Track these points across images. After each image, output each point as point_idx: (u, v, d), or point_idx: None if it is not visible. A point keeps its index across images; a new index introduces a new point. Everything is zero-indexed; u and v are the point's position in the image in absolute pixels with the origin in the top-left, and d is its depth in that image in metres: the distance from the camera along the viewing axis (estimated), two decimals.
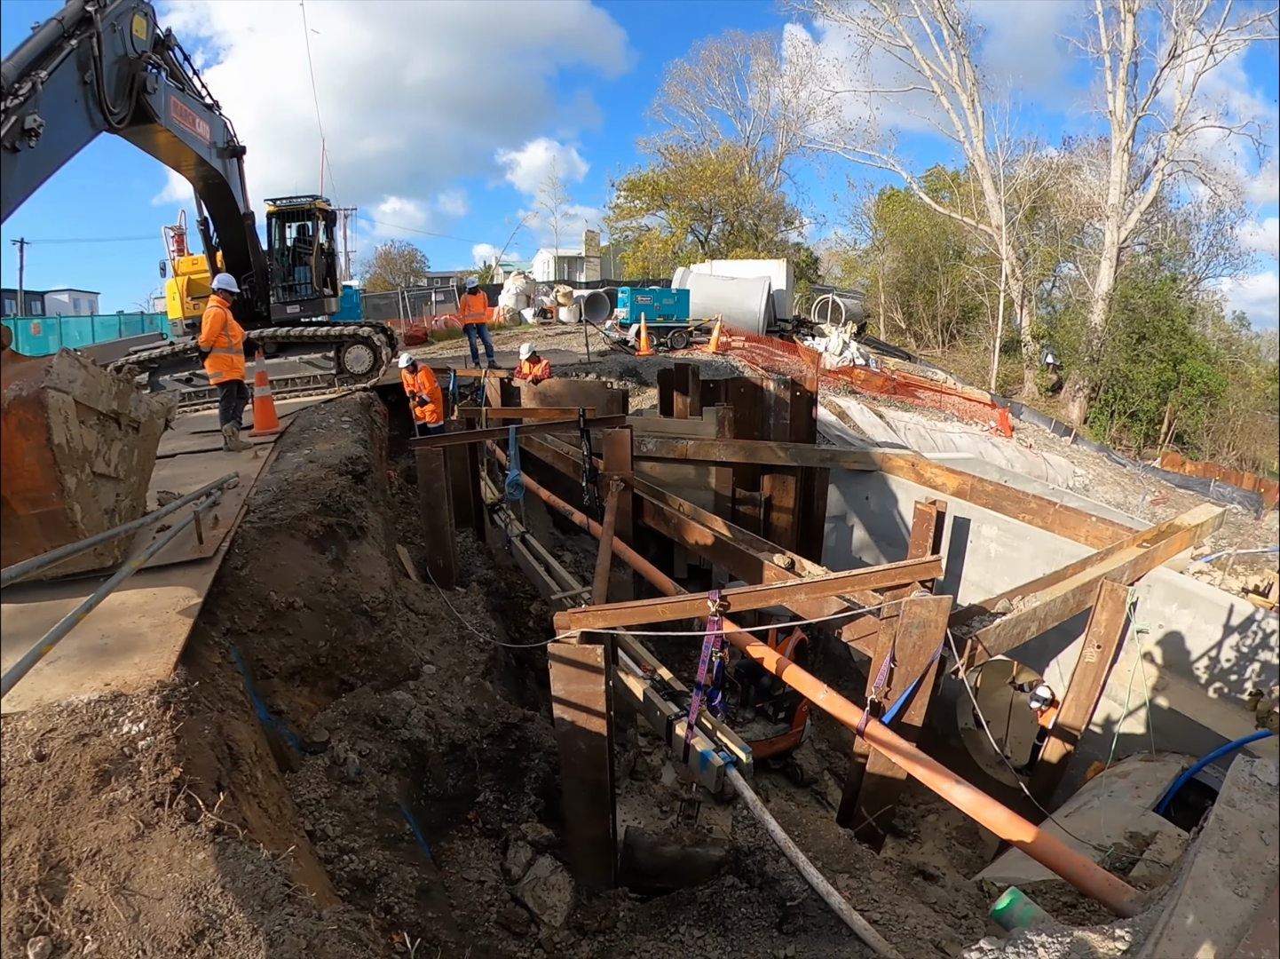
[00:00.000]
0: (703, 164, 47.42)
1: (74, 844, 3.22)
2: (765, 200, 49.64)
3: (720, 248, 47.36)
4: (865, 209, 53.96)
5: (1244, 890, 2.51)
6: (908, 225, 48.42)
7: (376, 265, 59.93)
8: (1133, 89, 35.25)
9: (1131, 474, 27.36)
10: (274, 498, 7.43)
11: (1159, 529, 8.87)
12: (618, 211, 50.84)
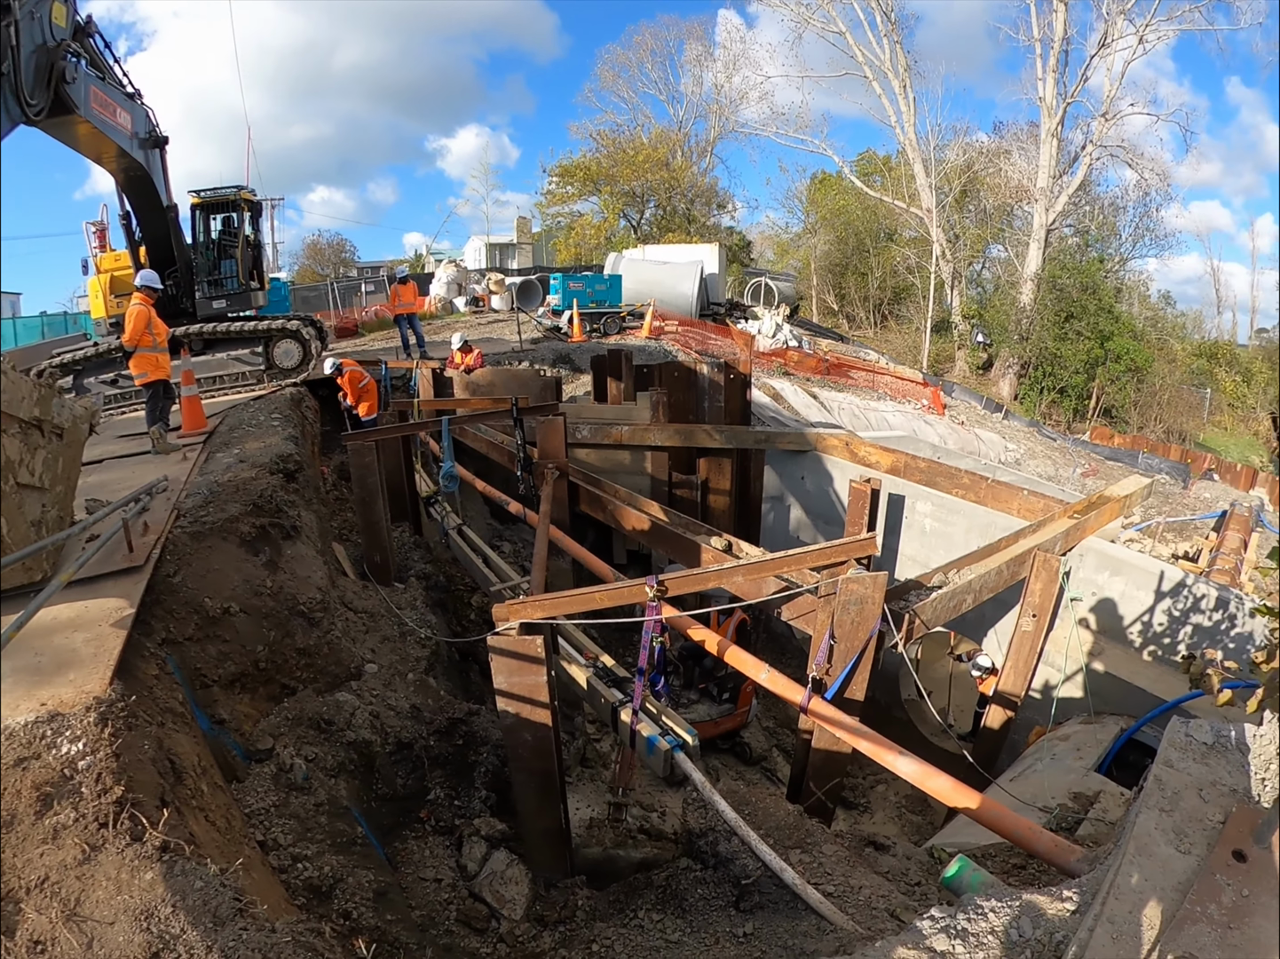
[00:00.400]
0: (635, 149, 47.18)
1: (21, 873, 3.13)
2: (698, 185, 49.65)
3: (653, 233, 47.28)
4: (797, 193, 54.40)
5: (1186, 848, 2.60)
6: (839, 208, 48.91)
7: (305, 256, 58.49)
8: (1063, 76, 36.08)
9: (1062, 448, 28.15)
10: (205, 500, 7.24)
11: (1089, 500, 9.14)
12: (550, 197, 50.37)
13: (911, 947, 2.58)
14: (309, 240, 60.01)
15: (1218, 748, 3.03)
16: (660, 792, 7.62)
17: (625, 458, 14.84)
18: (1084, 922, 2.47)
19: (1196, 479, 25.78)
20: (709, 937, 4.74)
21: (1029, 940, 2.52)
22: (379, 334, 25.35)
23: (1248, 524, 19.27)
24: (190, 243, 13.81)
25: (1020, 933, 2.55)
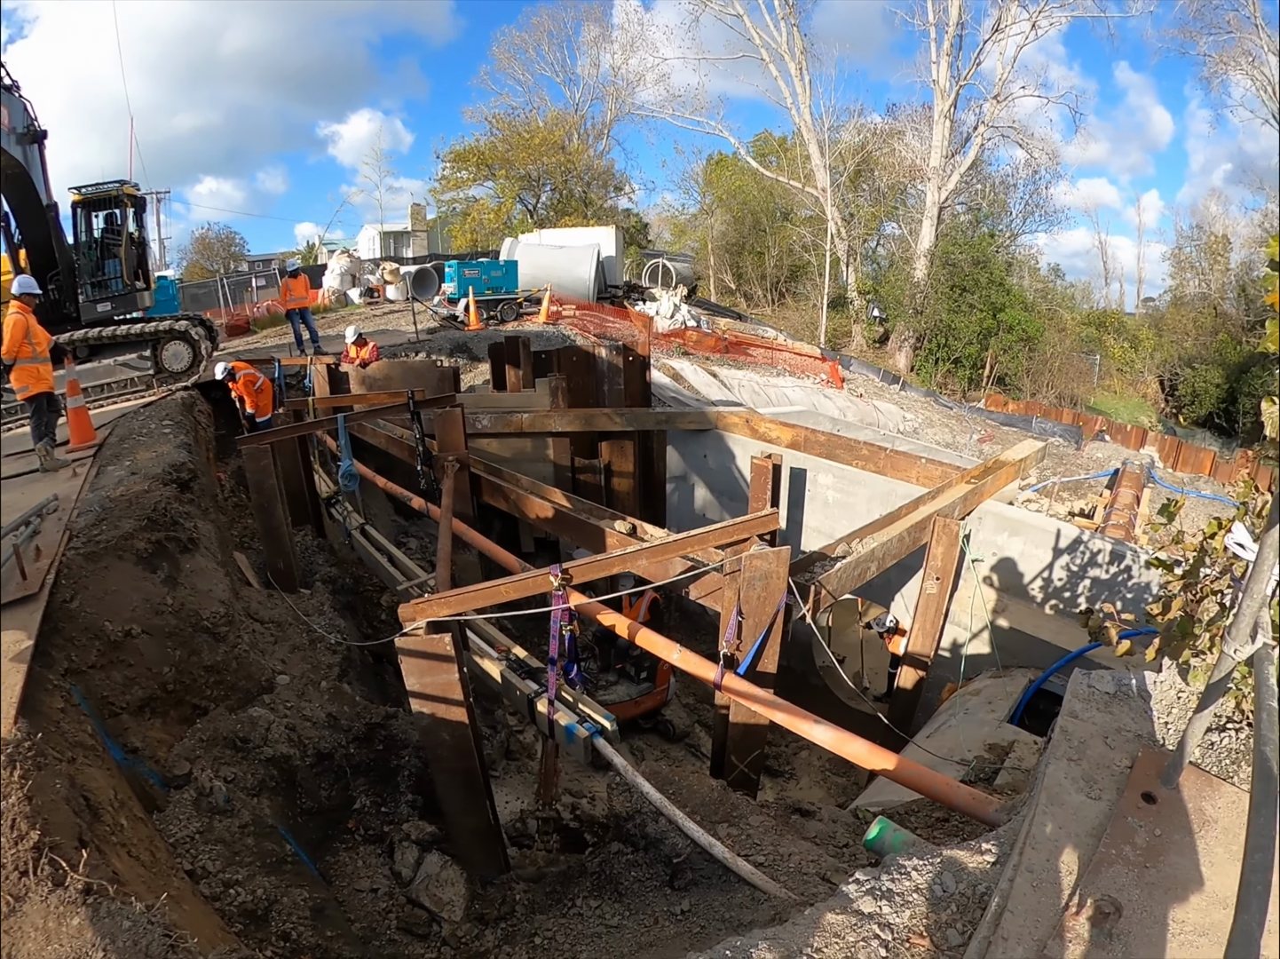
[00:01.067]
0: (531, 132, 46.47)
1: None
2: (594, 167, 49.25)
3: (549, 216, 46.82)
4: (694, 174, 54.88)
5: (1096, 794, 2.72)
6: (736, 189, 49.56)
7: (193, 252, 56.06)
8: (956, 60, 37.31)
9: (958, 416, 29.18)
10: (97, 518, 6.92)
11: (986, 465, 9.50)
12: (444, 183, 49.23)
13: (840, 911, 2.64)
14: (197, 235, 57.62)
15: (1120, 696, 3.17)
16: (588, 777, 7.69)
17: (527, 446, 14.75)
18: (1004, 873, 2.57)
19: (1089, 440, 27.10)
20: (648, 917, 4.80)
21: (953, 895, 2.61)
22: (272, 330, 24.46)
23: (1139, 481, 20.47)
24: (72, 243, 13.08)
25: (944, 888, 2.63)
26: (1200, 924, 2.30)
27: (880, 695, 12.45)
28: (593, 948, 4.71)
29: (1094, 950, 2.25)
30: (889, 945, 2.49)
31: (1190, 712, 2.87)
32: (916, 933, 2.51)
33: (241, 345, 21.86)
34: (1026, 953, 2.27)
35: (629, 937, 4.73)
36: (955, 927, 2.51)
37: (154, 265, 15.22)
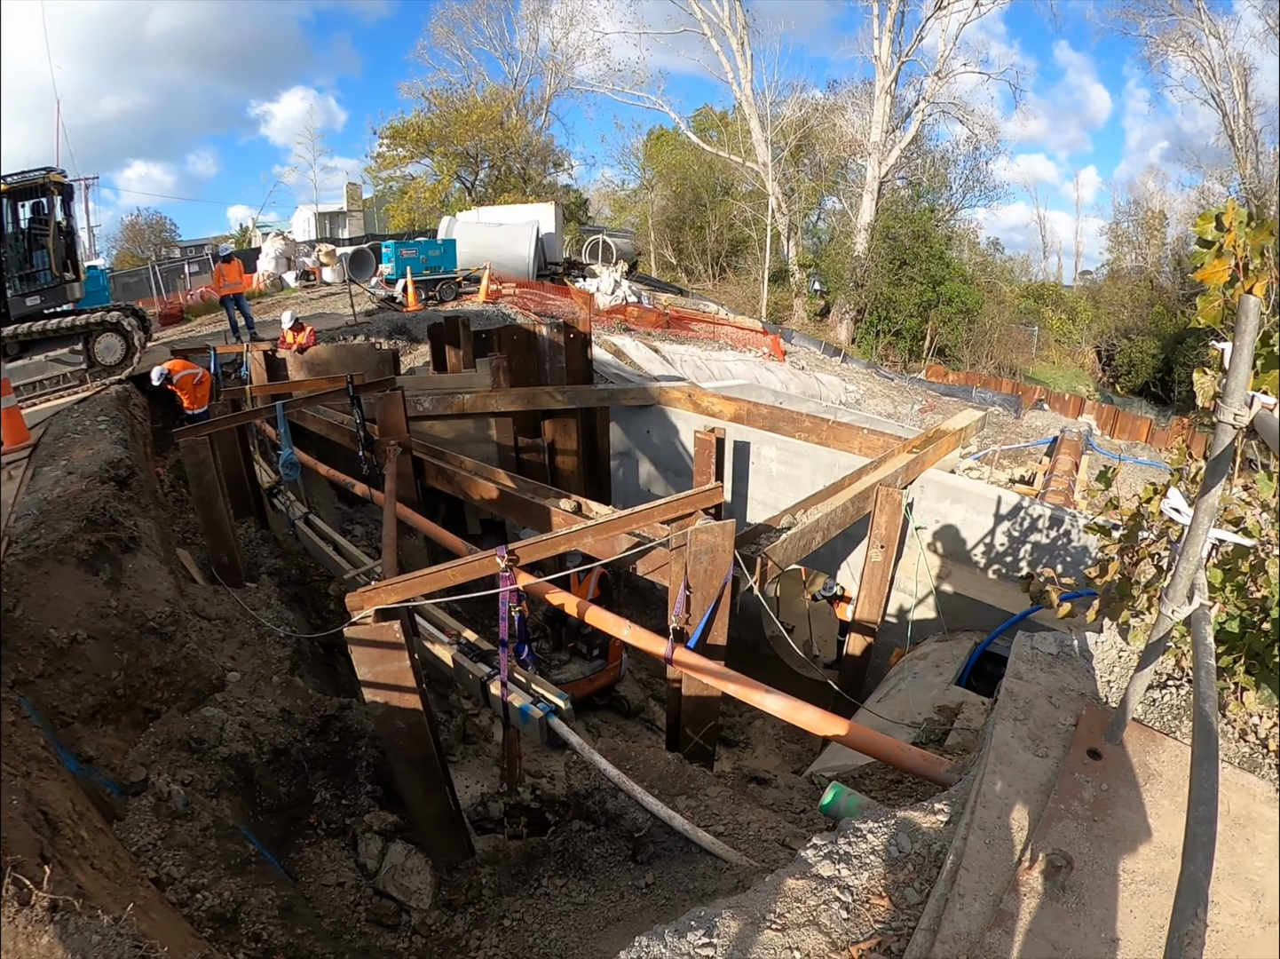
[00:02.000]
0: (469, 108, 45.47)
1: None
2: (533, 144, 48.48)
3: (488, 194, 46.11)
4: (634, 149, 54.29)
5: (1043, 752, 2.80)
6: (676, 164, 49.23)
7: (123, 239, 54.00)
8: (898, 36, 37.30)
9: (899, 387, 29.63)
10: (35, 522, 6.82)
11: (927, 435, 9.68)
12: (380, 161, 48.09)
13: (800, 877, 2.68)
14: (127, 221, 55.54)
15: (1063, 657, 3.25)
16: (545, 757, 7.74)
17: (470, 427, 14.63)
18: (957, 831, 2.64)
19: (1028, 409, 27.75)
20: (613, 893, 4.89)
21: (909, 855, 2.67)
22: (206, 318, 23.74)
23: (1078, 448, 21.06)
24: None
25: (900, 849, 2.69)
26: (1150, 874, 2.40)
27: (830, 663, 12.66)
28: (561, 926, 4.78)
29: (1048, 903, 2.33)
30: (849, 907, 2.55)
31: (1131, 670, 2.95)
32: (876, 894, 2.57)
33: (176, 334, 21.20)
34: (983, 908, 2.33)
35: (596, 913, 4.81)
36: (913, 886, 2.58)
37: (83, 255, 14.62)
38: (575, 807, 5.77)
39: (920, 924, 2.38)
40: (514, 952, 4.68)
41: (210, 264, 30.42)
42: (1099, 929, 2.26)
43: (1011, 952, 2.21)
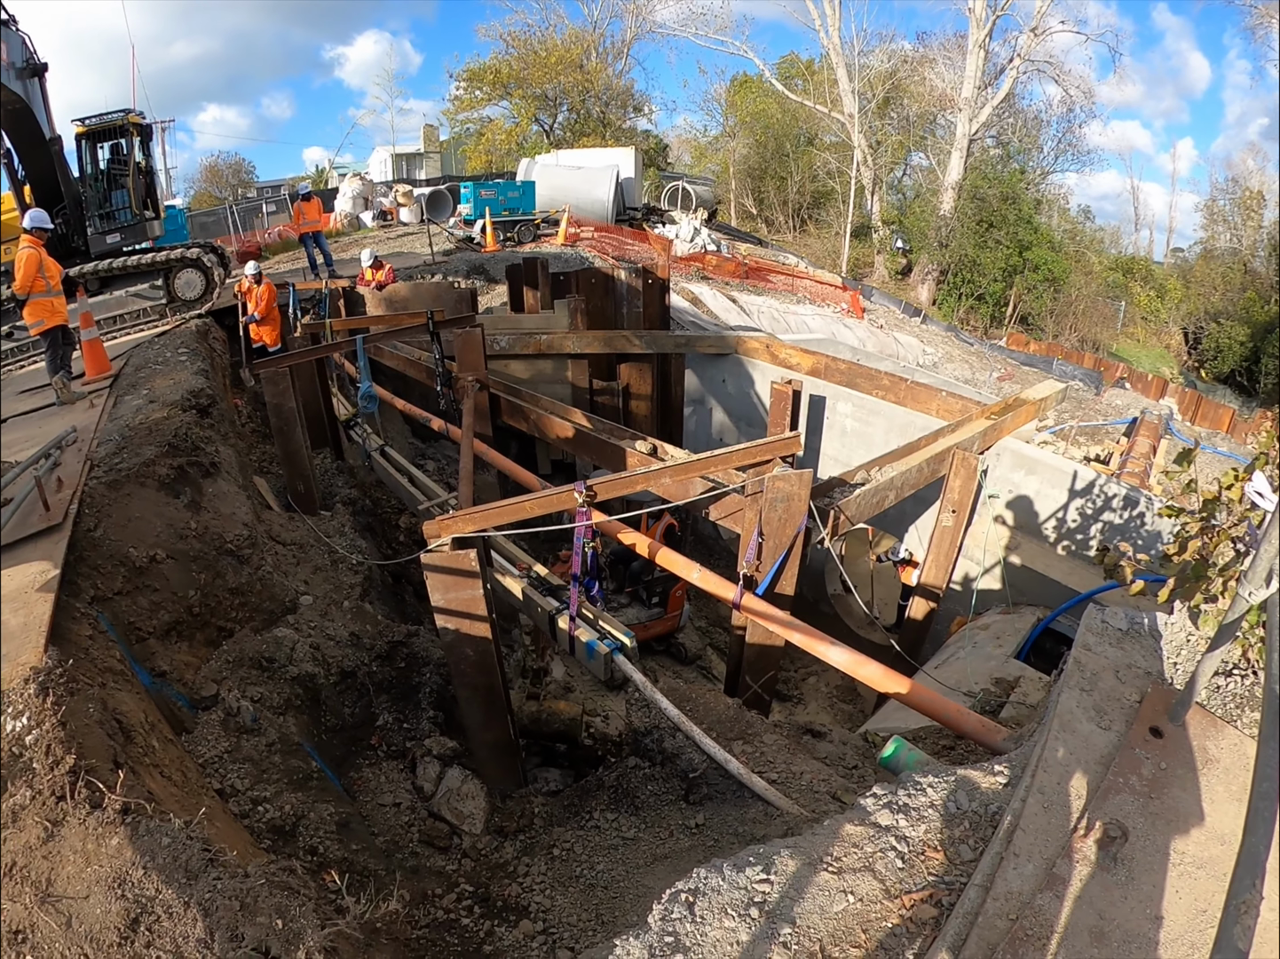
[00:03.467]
0: (547, 50, 44.96)
1: None
2: (613, 87, 47.74)
3: (566, 137, 45.66)
4: (716, 95, 53.19)
5: (1107, 724, 2.79)
6: (759, 112, 48.03)
7: (201, 180, 55.05)
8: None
9: (979, 352, 28.79)
10: (117, 447, 7.00)
11: (1006, 403, 9.37)
12: (458, 104, 47.97)
13: (858, 823, 2.72)
14: (206, 162, 56.55)
15: (1132, 633, 3.22)
16: (602, 696, 7.78)
17: (546, 367, 14.67)
18: (1016, 793, 2.65)
19: (1109, 387, 26.82)
20: (663, 830, 4.94)
21: (965, 812, 2.69)
22: (284, 256, 24.17)
23: (1157, 431, 20.26)
24: (78, 175, 12.86)
25: (958, 805, 2.71)
26: (1199, 857, 2.39)
27: (889, 626, 12.52)
28: (609, 859, 4.84)
29: (1099, 872, 2.34)
30: (905, 857, 2.58)
31: (1198, 654, 2.96)
32: (931, 847, 2.60)
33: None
34: (1036, 870, 2.36)
35: (645, 849, 4.86)
36: (968, 843, 2.59)
37: (162, 195, 14.89)
38: (633, 743, 5.81)
39: (973, 880, 2.41)
40: (560, 880, 4.75)
41: (288, 204, 30.83)
42: (1145, 905, 2.28)
43: (1060, 916, 2.24)
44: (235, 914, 2.88)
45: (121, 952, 2.78)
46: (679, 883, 2.65)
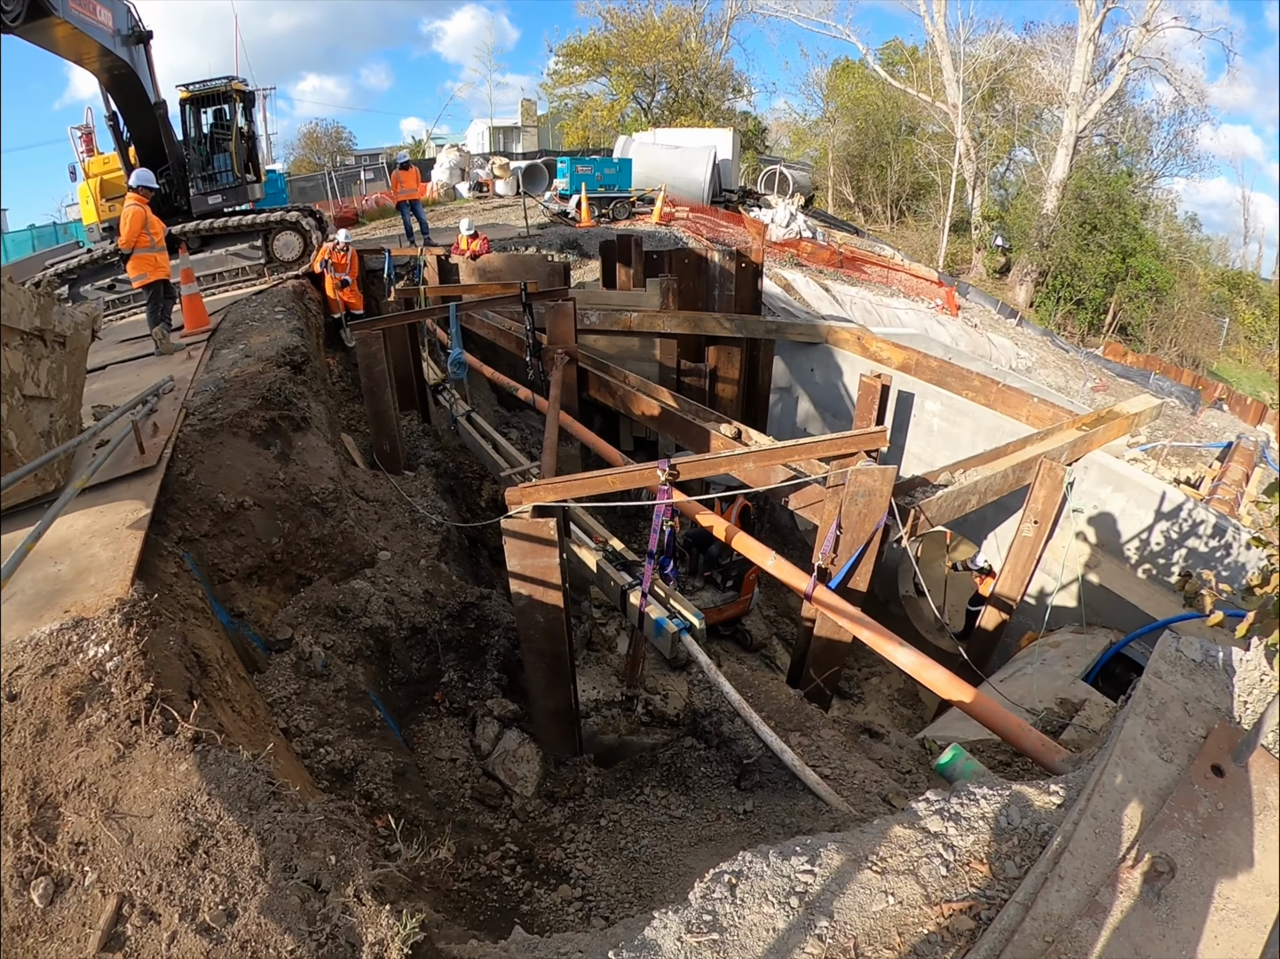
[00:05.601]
0: (647, 28, 44.77)
1: (58, 778, 3.23)
2: (712, 67, 47.27)
3: (664, 116, 45.40)
4: (817, 79, 52.06)
5: (1169, 755, 2.72)
6: (860, 98, 46.86)
7: (300, 146, 56.38)
8: None
9: (1074, 360, 27.80)
10: (212, 397, 7.28)
11: (1098, 414, 9.04)
12: (556, 79, 48.18)
13: (907, 826, 2.72)
14: (305, 129, 57.83)
15: (1205, 666, 3.13)
16: (664, 675, 7.83)
17: (634, 344, 14.69)
18: (1069, 815, 2.61)
19: (1205, 407, 25.62)
20: (710, 813, 4.96)
21: (1016, 828, 2.66)
22: (380, 222, 24.67)
23: (1251, 458, 19.23)
24: (181, 139, 13.40)
25: (1009, 820, 2.69)
26: (1243, 905, 2.33)
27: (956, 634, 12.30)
28: (655, 835, 4.89)
29: (1141, 906, 2.30)
30: (949, 865, 2.57)
31: (1270, 695, 2.88)
32: (977, 859, 2.58)
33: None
34: (1079, 895, 2.33)
35: (691, 829, 4.89)
36: (1014, 859, 2.57)
37: (263, 159, 15.43)
38: (691, 724, 5.84)
39: (1014, 897, 2.39)
40: (604, 850, 4.81)
41: (385, 172, 31.43)
42: (1182, 946, 2.24)
43: (1095, 945, 2.22)
44: (291, 846, 3.00)
45: (177, 871, 2.91)
46: (723, 864, 2.68)
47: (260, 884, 2.86)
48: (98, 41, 9.71)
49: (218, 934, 2.74)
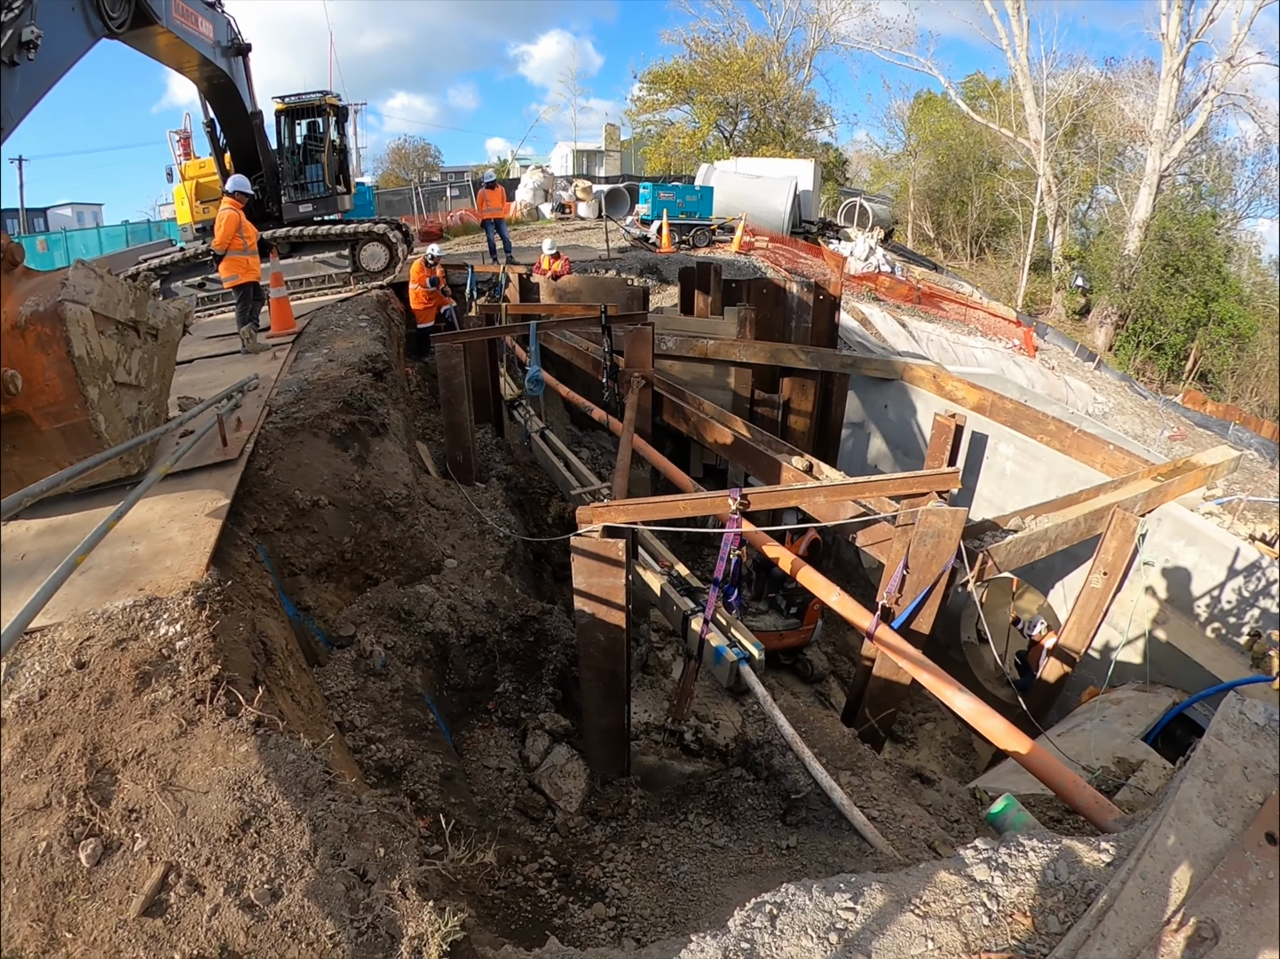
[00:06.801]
0: (730, 57, 45.18)
1: (119, 746, 3.35)
2: (794, 98, 47.44)
3: (746, 145, 45.62)
4: (899, 112, 51.91)
5: (1224, 820, 2.65)
6: (942, 132, 46.55)
7: (389, 161, 58.36)
8: (1188, 13, 32.84)
9: (1152, 407, 26.95)
10: (295, 398, 7.52)
11: (1174, 464, 8.79)
12: (640, 104, 48.88)
13: (953, 872, 2.70)
14: (394, 145, 59.77)
15: (1268, 730, 3.03)
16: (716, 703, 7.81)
17: (708, 372, 14.73)
18: (1117, 874, 2.56)
19: None
20: (753, 845, 4.92)
21: (1063, 883, 2.62)
22: (463, 238, 25.22)
23: None
24: (275, 148, 13.93)
25: (1056, 875, 2.65)
26: None
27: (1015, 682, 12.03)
28: (695, 862, 4.86)
29: None
30: (992, 916, 2.54)
31: None
32: (1020, 911, 2.55)
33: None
34: (1119, 955, 2.30)
35: (732, 859, 4.85)
36: (1057, 914, 2.53)
37: (353, 172, 15.96)
38: (742, 754, 5.80)
39: (1055, 952, 2.38)
40: (642, 873, 4.80)
41: (470, 190, 32.17)
42: None
43: None
44: (342, 835, 3.06)
45: (227, 847, 2.99)
46: (765, 894, 2.68)
47: (308, 868, 2.93)
48: (198, 51, 10.13)
49: (260, 912, 2.81)
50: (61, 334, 4.51)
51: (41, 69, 6.19)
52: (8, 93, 5.66)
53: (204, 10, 10.21)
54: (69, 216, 40.29)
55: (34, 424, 4.69)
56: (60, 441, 4.79)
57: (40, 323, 4.48)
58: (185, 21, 9.48)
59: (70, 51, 6.91)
